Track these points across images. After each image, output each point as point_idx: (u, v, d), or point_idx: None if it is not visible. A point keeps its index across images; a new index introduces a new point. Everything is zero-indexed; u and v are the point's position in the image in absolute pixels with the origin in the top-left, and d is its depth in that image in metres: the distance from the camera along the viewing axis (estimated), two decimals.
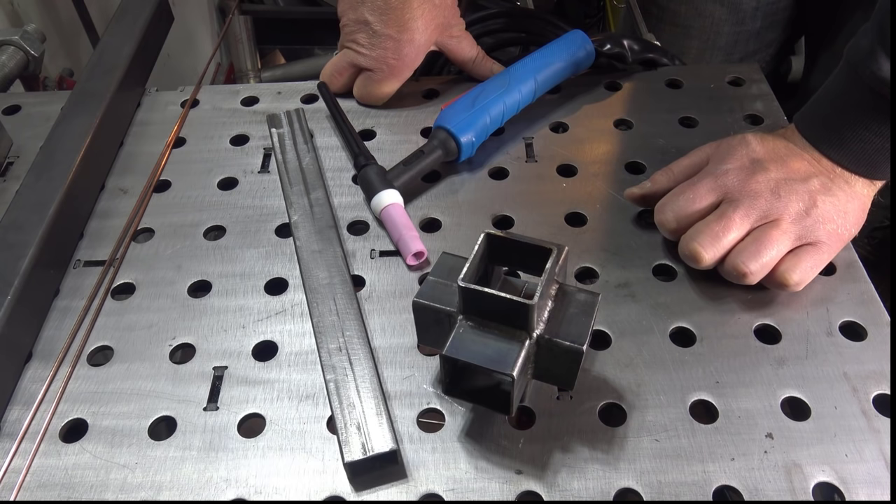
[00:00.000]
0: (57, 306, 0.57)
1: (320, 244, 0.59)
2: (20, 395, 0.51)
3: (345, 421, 0.47)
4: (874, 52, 0.51)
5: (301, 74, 1.48)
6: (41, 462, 0.47)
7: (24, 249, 0.54)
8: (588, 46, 0.72)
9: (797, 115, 0.58)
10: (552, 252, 0.43)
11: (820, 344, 0.52)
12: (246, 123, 0.73)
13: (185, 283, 0.58)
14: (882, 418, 0.47)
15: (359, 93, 0.73)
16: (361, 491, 0.45)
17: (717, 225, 0.53)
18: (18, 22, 0.99)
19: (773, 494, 0.44)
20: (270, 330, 0.54)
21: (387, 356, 0.52)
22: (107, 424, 0.49)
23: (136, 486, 0.46)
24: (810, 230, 0.53)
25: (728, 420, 0.48)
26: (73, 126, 0.65)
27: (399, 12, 0.68)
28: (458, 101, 0.67)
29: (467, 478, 0.46)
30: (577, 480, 0.45)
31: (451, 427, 0.48)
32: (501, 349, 0.42)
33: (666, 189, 0.58)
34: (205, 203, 0.65)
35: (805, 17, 0.97)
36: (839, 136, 0.54)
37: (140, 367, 0.52)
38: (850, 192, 0.54)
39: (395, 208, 0.61)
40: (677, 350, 0.52)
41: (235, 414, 0.49)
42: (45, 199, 0.58)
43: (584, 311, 0.44)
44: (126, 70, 0.72)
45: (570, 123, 0.71)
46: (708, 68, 0.78)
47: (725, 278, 0.54)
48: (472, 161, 0.67)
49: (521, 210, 0.62)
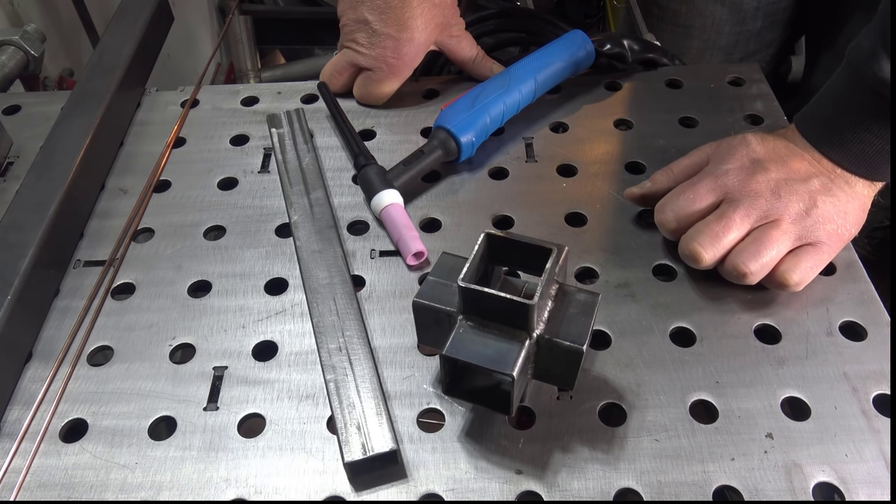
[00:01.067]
0: (57, 306, 0.57)
1: (320, 244, 0.59)
2: (20, 395, 0.51)
3: (345, 421, 0.47)
4: (876, 53, 0.51)
5: (301, 74, 1.48)
6: (41, 462, 0.47)
7: (24, 249, 0.54)
8: (588, 46, 0.72)
9: (798, 116, 0.58)
10: (552, 252, 0.43)
11: (820, 344, 0.52)
12: (246, 123, 0.73)
13: (185, 283, 0.58)
14: (882, 418, 0.47)
15: (359, 92, 0.73)
16: (361, 491, 0.45)
17: (717, 225, 0.53)
18: (18, 22, 0.99)
19: (773, 494, 0.44)
20: (270, 330, 0.54)
21: (387, 356, 0.52)
22: (107, 424, 0.49)
23: (136, 486, 0.46)
24: (810, 230, 0.53)
25: (728, 420, 0.48)
26: (73, 126, 0.65)
27: (398, 11, 0.68)
28: (458, 101, 0.67)
29: (467, 478, 0.46)
30: (577, 480, 0.45)
31: (451, 427, 0.48)
32: (501, 349, 0.42)
33: (666, 189, 0.58)
34: (205, 203, 0.65)
35: (806, 17, 0.97)
36: (840, 137, 0.54)
37: (140, 367, 0.52)
38: (850, 193, 0.54)
39: (395, 208, 0.61)
40: (677, 350, 0.52)
41: (235, 414, 0.49)
42: (45, 199, 0.58)
43: (584, 311, 0.44)
44: (126, 70, 0.72)
45: (570, 123, 0.71)
46: (708, 68, 0.78)
47: (725, 278, 0.54)
48: (472, 161, 0.67)
49: (521, 210, 0.62)
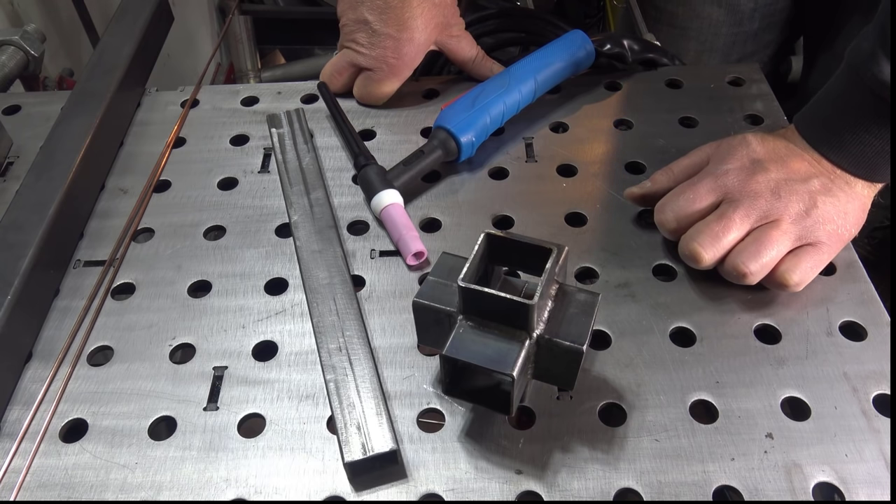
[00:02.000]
0: (57, 306, 0.57)
1: (320, 244, 0.59)
2: (20, 395, 0.51)
3: (345, 421, 0.47)
4: (875, 54, 0.51)
5: (301, 74, 1.48)
6: (41, 462, 0.47)
7: (24, 249, 0.54)
8: (588, 46, 0.72)
9: (797, 116, 0.58)
10: (552, 252, 0.43)
11: (820, 344, 0.52)
12: (246, 123, 0.73)
13: (185, 283, 0.58)
14: (882, 418, 0.47)
15: (359, 92, 0.73)
16: (361, 491, 0.45)
17: (717, 225, 0.53)
18: (18, 22, 0.99)
19: (773, 494, 0.44)
20: (270, 330, 0.54)
21: (387, 356, 0.52)
22: (107, 424, 0.49)
23: (136, 486, 0.46)
24: (810, 231, 0.53)
25: (728, 420, 0.48)
26: (73, 126, 0.65)
27: (398, 11, 0.68)
28: (458, 101, 0.67)
29: (467, 478, 0.46)
30: (577, 480, 0.45)
31: (451, 427, 0.48)
32: (501, 349, 0.42)
33: (666, 189, 0.58)
34: (205, 203, 0.65)
35: (803, 18, 0.97)
36: (839, 139, 0.54)
37: (140, 367, 0.52)
38: (850, 193, 0.54)
39: (395, 208, 0.61)
40: (677, 350, 0.52)
41: (235, 414, 0.49)
42: (45, 199, 0.58)
43: (584, 311, 0.44)
44: (126, 70, 0.72)
45: (570, 123, 0.71)
46: (708, 68, 0.78)
47: (725, 278, 0.54)
48: (472, 161, 0.67)
49: (521, 210, 0.62)
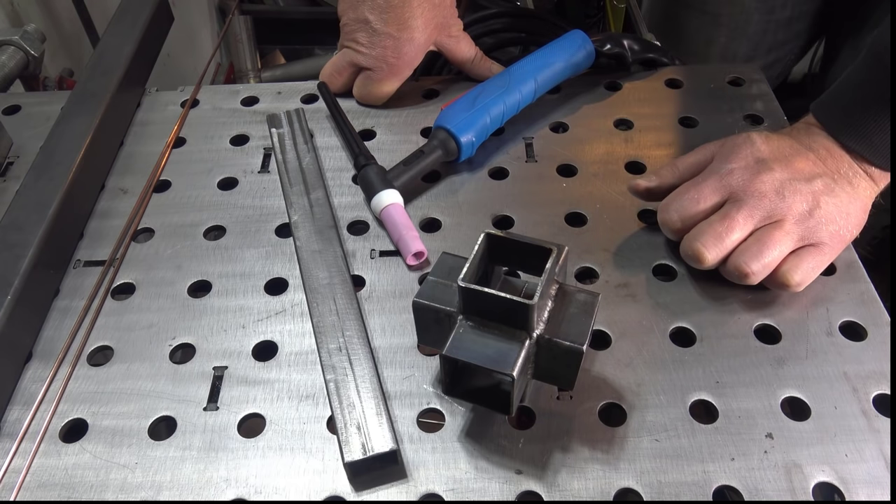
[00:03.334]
0: (57, 306, 0.57)
1: (320, 244, 0.59)
2: (20, 395, 0.51)
3: (345, 421, 0.47)
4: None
5: (301, 74, 1.48)
6: (41, 462, 0.47)
7: (24, 249, 0.54)
8: (588, 46, 0.72)
9: (814, 105, 0.58)
10: (552, 252, 0.43)
11: (820, 344, 0.52)
12: (246, 123, 0.73)
13: (185, 283, 0.58)
14: (882, 418, 0.47)
15: (359, 92, 0.73)
16: (361, 491, 0.45)
17: (720, 225, 0.53)
18: (18, 22, 0.99)
19: (773, 494, 0.44)
20: (270, 330, 0.54)
21: (387, 356, 0.52)
22: (107, 424, 0.49)
23: (136, 486, 0.46)
24: (813, 231, 0.53)
25: (728, 420, 0.48)
26: (73, 126, 0.65)
27: (399, 11, 0.68)
28: (458, 101, 0.67)
29: (467, 478, 0.46)
30: (577, 480, 0.45)
31: (451, 427, 0.48)
32: (501, 349, 0.42)
33: (671, 185, 0.58)
34: (205, 203, 0.65)
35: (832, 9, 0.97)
36: (861, 127, 0.54)
37: (140, 367, 0.52)
38: (852, 194, 0.54)
39: (395, 208, 0.61)
40: (677, 350, 0.52)
41: (235, 414, 0.49)
42: (45, 199, 0.58)
43: (584, 311, 0.44)
44: (126, 70, 0.72)
45: (570, 123, 0.71)
46: (708, 68, 0.78)
47: (727, 278, 0.54)
48: (472, 161, 0.67)
49: (521, 210, 0.62)
